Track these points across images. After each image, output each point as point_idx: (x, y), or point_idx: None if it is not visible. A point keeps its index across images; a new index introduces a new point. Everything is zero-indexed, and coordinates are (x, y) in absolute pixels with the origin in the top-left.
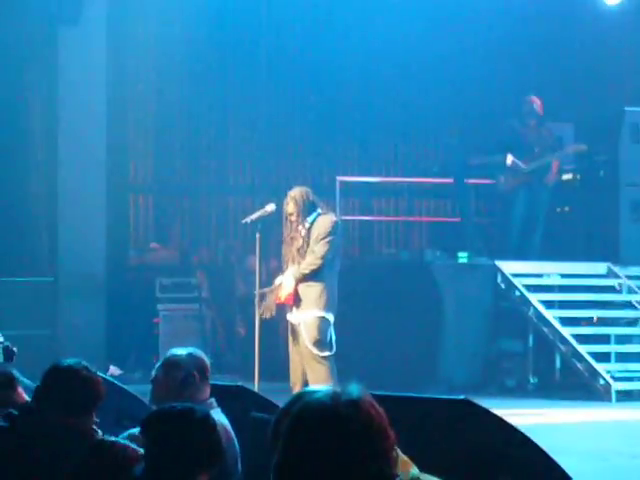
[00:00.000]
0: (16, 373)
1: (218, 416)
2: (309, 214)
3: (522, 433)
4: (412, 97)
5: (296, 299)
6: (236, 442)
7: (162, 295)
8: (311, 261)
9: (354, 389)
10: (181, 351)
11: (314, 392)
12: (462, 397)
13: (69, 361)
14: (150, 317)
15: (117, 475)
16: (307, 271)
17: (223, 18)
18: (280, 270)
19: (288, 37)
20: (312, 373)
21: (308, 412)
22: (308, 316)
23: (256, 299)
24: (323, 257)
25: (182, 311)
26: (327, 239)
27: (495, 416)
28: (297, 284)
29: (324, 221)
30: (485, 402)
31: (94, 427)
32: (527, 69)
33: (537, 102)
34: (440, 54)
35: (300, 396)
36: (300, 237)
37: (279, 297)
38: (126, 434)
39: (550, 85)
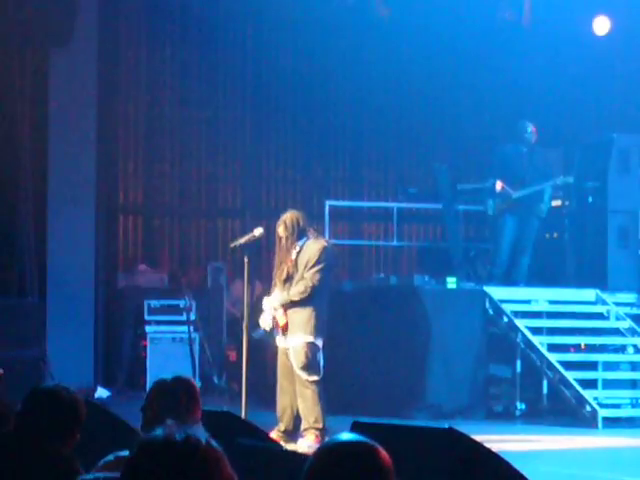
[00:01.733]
0: None
1: None
2: (299, 239)
3: (508, 463)
4: (403, 122)
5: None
6: None
7: (150, 317)
8: (301, 289)
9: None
10: (167, 376)
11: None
12: (447, 426)
13: (48, 384)
14: (138, 339)
15: None
16: (296, 298)
17: (212, 38)
18: (267, 293)
19: (278, 61)
20: (301, 398)
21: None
22: (297, 341)
23: (244, 324)
24: (314, 286)
25: (170, 333)
26: (318, 267)
27: (481, 446)
28: (284, 309)
29: (314, 247)
30: (472, 427)
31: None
32: (518, 95)
33: (532, 128)
34: (432, 79)
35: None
36: (289, 261)
37: (277, 322)
38: (112, 456)
39: (540, 111)
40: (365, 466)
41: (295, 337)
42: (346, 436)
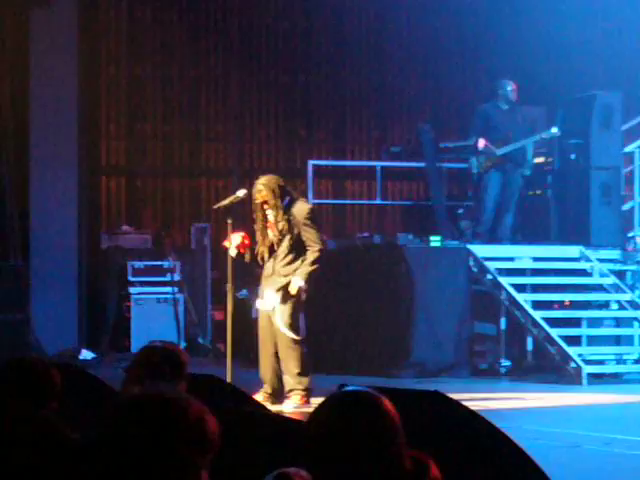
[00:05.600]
0: None
1: None
2: (283, 200)
3: (493, 425)
4: (386, 80)
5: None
6: None
7: (134, 278)
8: (315, 257)
9: None
10: (158, 344)
11: None
12: (433, 390)
13: (22, 355)
14: (122, 301)
15: None
16: (313, 268)
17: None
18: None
19: (262, 21)
20: (285, 359)
21: None
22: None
23: (228, 284)
24: (321, 249)
25: (154, 294)
26: (316, 230)
27: (466, 409)
28: (307, 283)
29: (302, 210)
30: (457, 385)
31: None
32: (500, 53)
33: (513, 86)
34: (414, 36)
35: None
36: (277, 223)
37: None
38: None
39: (522, 69)
40: (370, 415)
41: (279, 297)
42: (351, 388)
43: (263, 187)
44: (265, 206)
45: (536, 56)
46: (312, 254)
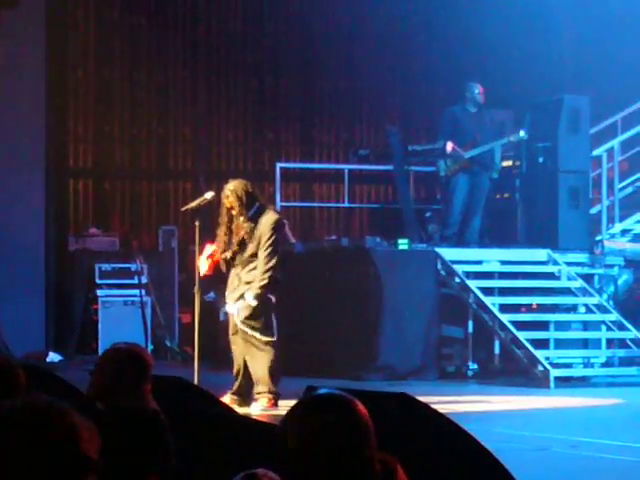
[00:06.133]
0: None
1: None
2: (250, 207)
3: (461, 428)
4: (354, 83)
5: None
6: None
7: (102, 281)
8: (263, 273)
9: None
10: (122, 345)
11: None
12: (400, 392)
13: None
14: (90, 303)
15: None
16: (265, 282)
17: (162, 1)
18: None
19: (229, 23)
20: (254, 360)
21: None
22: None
23: (196, 287)
24: (273, 266)
25: (122, 297)
26: (273, 247)
27: (434, 411)
28: (261, 297)
29: (268, 221)
30: (425, 388)
31: None
32: (468, 56)
33: (480, 89)
34: (382, 39)
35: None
36: (241, 229)
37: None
38: None
39: (490, 72)
40: (342, 418)
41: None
42: (323, 391)
43: (231, 193)
44: (232, 212)
45: (504, 59)
46: (261, 272)
